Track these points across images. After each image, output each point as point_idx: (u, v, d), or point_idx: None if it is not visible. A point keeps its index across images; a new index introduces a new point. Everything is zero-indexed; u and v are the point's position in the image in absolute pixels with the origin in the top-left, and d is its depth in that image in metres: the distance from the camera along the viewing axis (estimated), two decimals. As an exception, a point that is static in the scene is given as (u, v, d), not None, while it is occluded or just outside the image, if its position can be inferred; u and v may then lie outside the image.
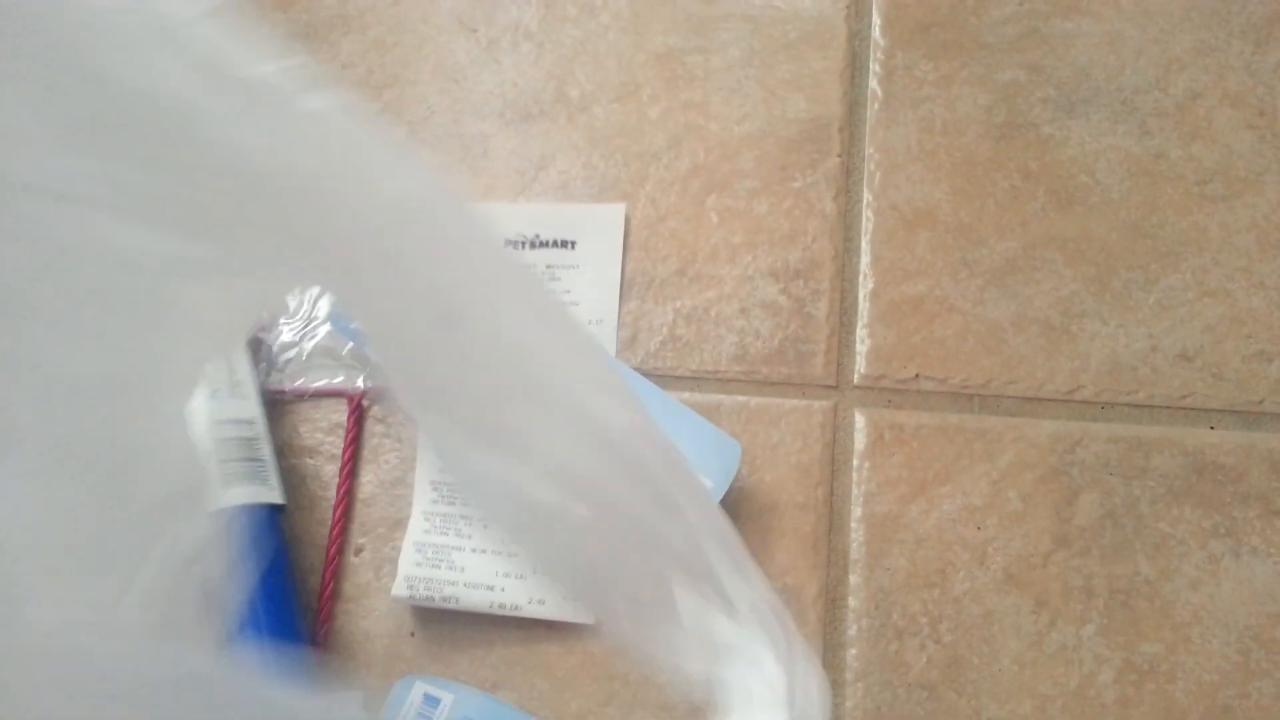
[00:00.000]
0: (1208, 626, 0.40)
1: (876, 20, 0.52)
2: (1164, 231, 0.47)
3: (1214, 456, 0.43)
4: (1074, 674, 0.40)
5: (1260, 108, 0.49)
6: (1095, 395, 0.45)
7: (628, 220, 0.51)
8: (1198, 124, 0.49)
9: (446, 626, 0.44)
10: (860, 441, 0.45)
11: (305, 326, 0.48)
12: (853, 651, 0.42)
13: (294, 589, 0.44)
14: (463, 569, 0.44)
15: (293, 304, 0.49)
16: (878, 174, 0.50)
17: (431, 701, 0.42)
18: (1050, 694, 0.40)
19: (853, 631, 0.42)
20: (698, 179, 0.51)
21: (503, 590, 0.44)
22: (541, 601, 0.43)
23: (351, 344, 0.46)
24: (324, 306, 0.48)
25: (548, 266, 0.50)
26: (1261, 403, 0.44)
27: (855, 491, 0.44)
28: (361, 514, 0.46)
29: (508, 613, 0.43)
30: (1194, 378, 0.44)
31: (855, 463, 0.45)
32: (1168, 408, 0.44)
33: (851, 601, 0.42)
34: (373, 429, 0.48)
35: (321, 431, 0.48)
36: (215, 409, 0.44)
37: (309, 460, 0.47)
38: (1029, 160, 0.50)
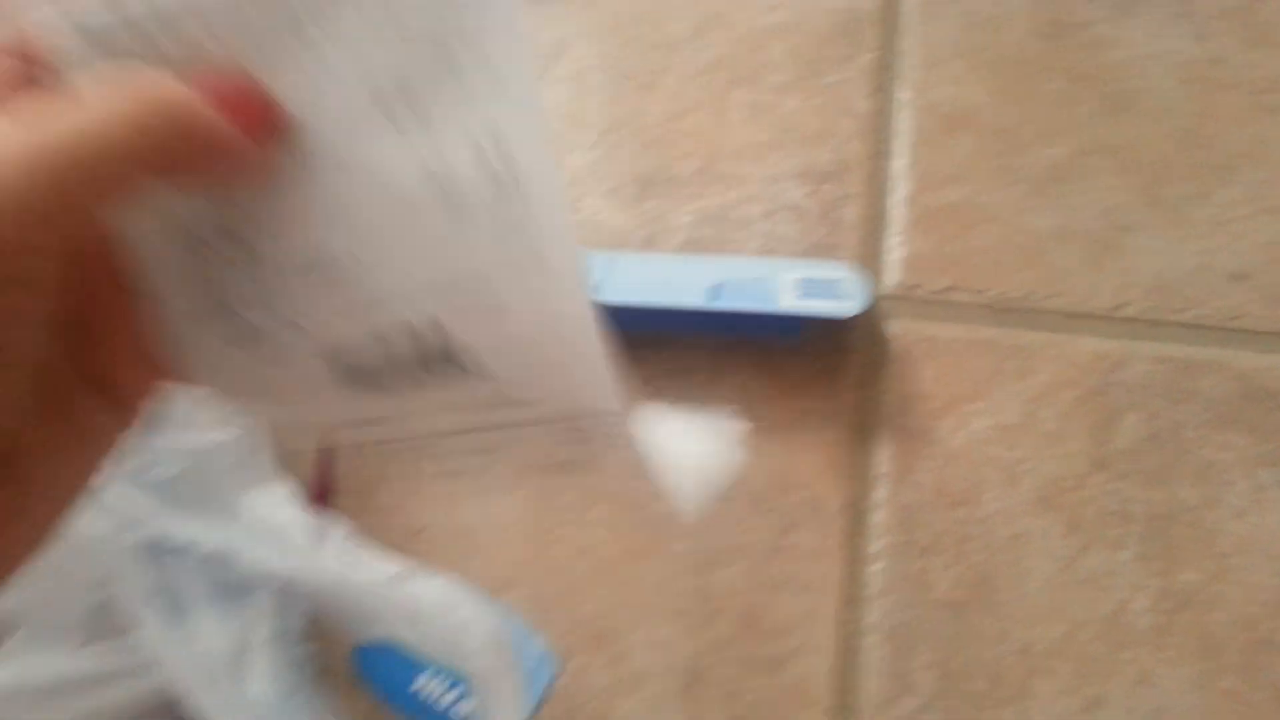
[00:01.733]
0: (1251, 557, 0.39)
1: (923, -96, 0.48)
2: (1220, 142, 0.44)
3: (1264, 381, 0.41)
4: (1107, 600, 0.38)
5: (1329, 14, 0.46)
6: (1141, 313, 0.42)
7: (644, 114, 0.47)
8: (1260, 28, 0.46)
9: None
10: (890, 353, 0.42)
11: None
12: (876, 567, 0.40)
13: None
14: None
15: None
16: (916, 71, 0.47)
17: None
18: (1082, 619, 0.38)
19: (877, 547, 0.40)
20: (723, 71, 0.48)
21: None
22: (550, 509, 0.41)
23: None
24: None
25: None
26: (1316, 325, 0.42)
27: (883, 405, 0.42)
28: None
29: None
30: (1246, 298, 0.42)
31: (884, 375, 0.42)
32: (1217, 328, 0.42)
33: (876, 517, 0.40)
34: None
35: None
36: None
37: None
38: (1079, 61, 0.46)
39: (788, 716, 0.39)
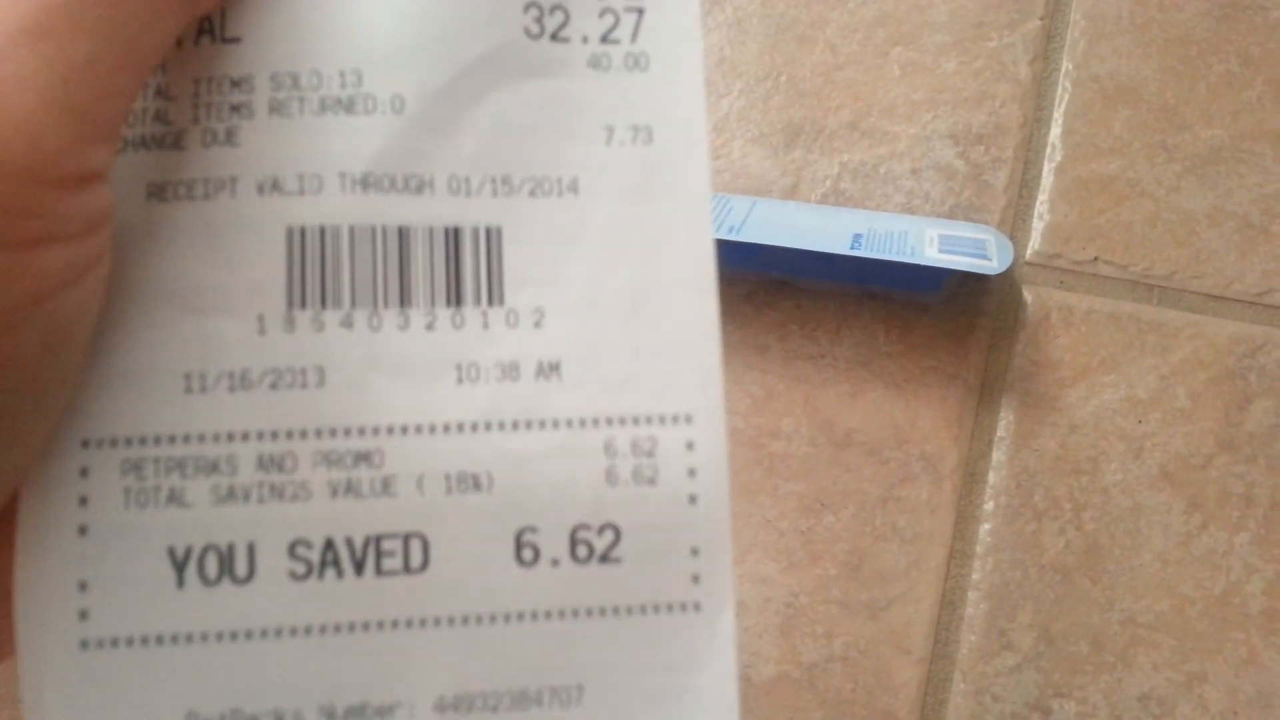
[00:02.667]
0: (1376, 553, 0.38)
1: (1107, -128, 0.48)
2: (1394, 137, 0.43)
3: None
4: (1220, 579, 0.39)
5: None
6: (1288, 302, 0.42)
7: (799, 65, 0.48)
8: None
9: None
10: (1024, 319, 0.43)
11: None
12: (986, 526, 0.41)
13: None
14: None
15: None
16: (1081, 42, 0.47)
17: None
18: (1191, 595, 0.39)
19: (989, 507, 0.41)
20: (884, 28, 0.48)
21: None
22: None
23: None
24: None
25: (715, 103, 0.48)
26: None
27: (1011, 369, 0.42)
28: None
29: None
30: (1403, 296, 0.41)
31: (1016, 340, 0.43)
32: (1368, 324, 0.41)
33: (992, 478, 0.41)
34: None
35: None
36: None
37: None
38: (1251, 45, 0.45)
39: (882, 661, 0.40)
